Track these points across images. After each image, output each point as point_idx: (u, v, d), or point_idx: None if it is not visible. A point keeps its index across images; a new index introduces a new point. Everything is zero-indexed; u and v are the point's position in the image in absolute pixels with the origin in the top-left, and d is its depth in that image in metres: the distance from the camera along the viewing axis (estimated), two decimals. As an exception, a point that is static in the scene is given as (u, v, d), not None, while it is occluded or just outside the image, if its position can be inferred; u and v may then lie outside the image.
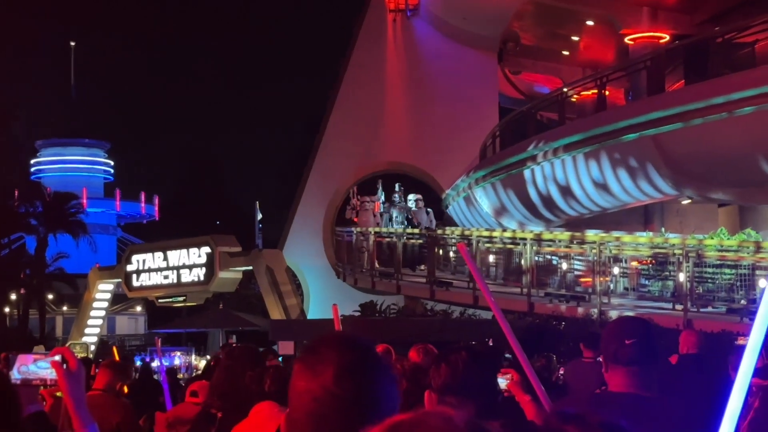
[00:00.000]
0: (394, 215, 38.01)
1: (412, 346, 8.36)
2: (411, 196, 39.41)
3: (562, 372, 15.99)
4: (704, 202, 33.32)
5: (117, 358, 14.61)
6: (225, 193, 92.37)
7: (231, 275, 38.80)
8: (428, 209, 39.73)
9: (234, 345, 24.29)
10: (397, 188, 39.18)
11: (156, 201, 79.74)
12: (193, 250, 38.85)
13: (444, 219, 42.02)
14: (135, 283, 40.99)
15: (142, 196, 78.19)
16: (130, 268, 41.02)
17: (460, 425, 1.71)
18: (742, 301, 22.71)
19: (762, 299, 2.08)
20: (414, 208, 38.85)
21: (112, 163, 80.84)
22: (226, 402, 6.53)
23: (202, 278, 38.47)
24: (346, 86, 47.55)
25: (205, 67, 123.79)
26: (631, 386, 4.30)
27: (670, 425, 3.94)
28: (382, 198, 38.66)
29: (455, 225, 39.66)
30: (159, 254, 40.21)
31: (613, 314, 23.59)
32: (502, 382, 5.20)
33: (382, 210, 38.28)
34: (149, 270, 40.41)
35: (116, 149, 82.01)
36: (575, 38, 46.91)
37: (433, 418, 1.75)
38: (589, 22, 44.87)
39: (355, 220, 38.01)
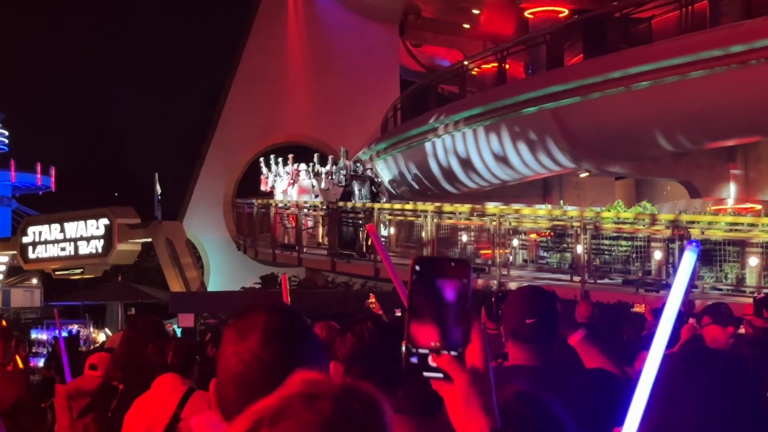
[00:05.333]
0: (356, 188, 32.62)
1: (316, 322, 8.32)
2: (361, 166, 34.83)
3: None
4: (602, 175, 33.78)
5: None
6: (124, 165, 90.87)
7: (130, 247, 38.35)
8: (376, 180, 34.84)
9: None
10: (345, 156, 34.02)
11: (52, 172, 78.07)
12: (91, 222, 38.29)
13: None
14: (31, 255, 40.31)
15: (38, 167, 76.50)
16: (26, 239, 40.32)
17: (325, 408, 1.60)
18: (638, 273, 23.13)
19: (678, 269, 2.12)
20: (377, 179, 34.57)
21: (6, 133, 78.91)
22: (127, 374, 6.47)
23: (100, 250, 37.97)
24: (246, 58, 47.14)
25: (103, 36, 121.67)
26: (532, 360, 4.30)
27: (572, 394, 3.98)
28: (341, 169, 33.20)
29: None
30: (56, 226, 39.55)
31: (513, 286, 23.84)
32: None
33: (335, 181, 33.32)
34: (46, 242, 39.76)
35: (10, 119, 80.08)
36: (476, 11, 47.09)
37: (298, 404, 1.60)
38: (490, -4, 45.11)
39: (285, 191, 35.37)
